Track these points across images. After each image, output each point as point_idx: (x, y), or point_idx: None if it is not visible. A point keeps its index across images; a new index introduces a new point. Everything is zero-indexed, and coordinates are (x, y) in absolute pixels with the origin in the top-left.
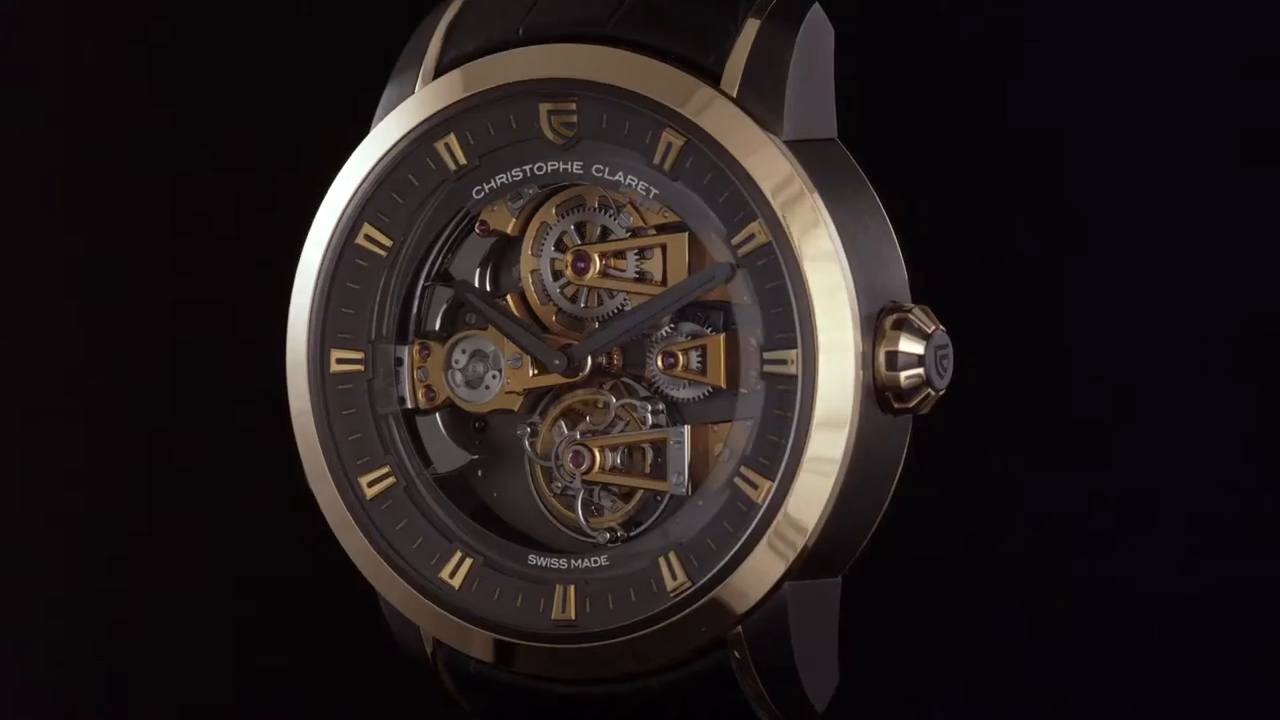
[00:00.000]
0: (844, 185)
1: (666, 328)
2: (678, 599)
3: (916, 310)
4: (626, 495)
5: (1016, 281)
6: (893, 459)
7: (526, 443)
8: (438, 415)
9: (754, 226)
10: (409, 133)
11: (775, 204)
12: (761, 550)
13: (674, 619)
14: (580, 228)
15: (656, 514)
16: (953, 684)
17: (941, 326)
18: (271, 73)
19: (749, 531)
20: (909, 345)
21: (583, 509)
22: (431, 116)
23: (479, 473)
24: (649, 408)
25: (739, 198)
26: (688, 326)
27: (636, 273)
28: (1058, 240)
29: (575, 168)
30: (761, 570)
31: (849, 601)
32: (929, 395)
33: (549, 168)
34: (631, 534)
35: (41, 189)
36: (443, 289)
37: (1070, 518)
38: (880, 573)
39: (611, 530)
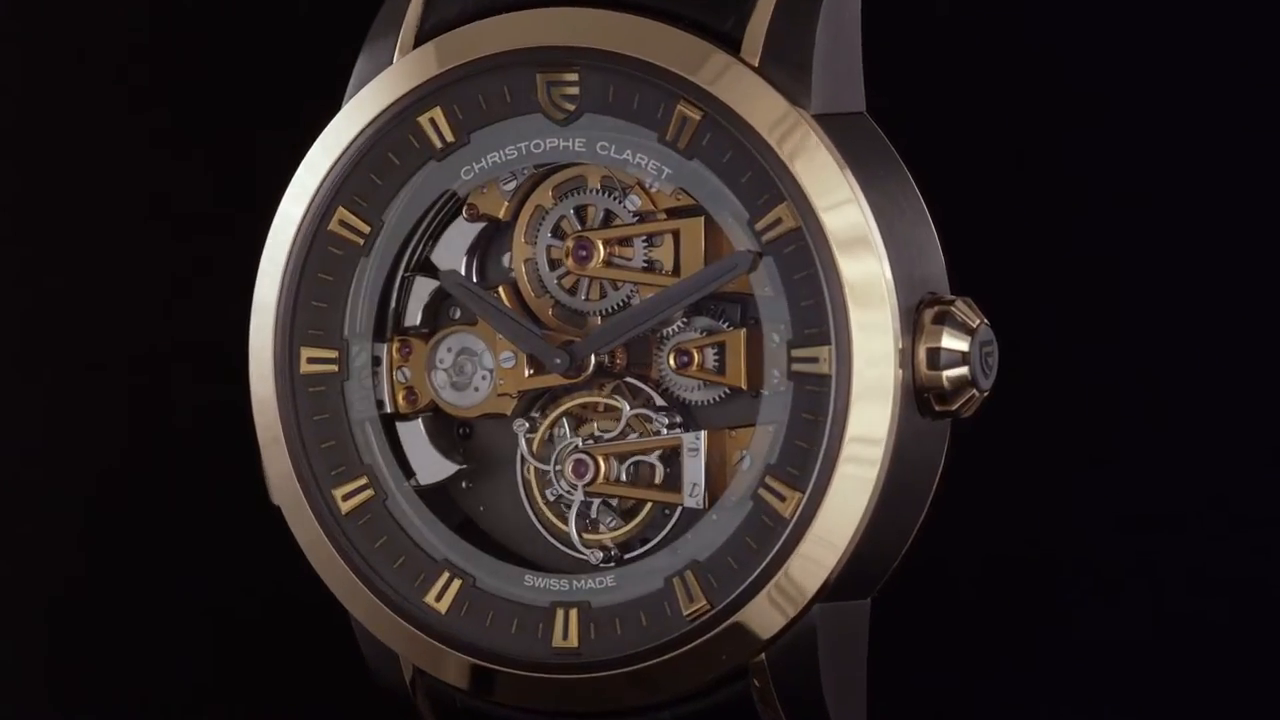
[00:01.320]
0: (876, 163)
1: (678, 323)
2: (695, 623)
3: (959, 302)
4: (629, 512)
5: (1054, 270)
6: (931, 467)
7: (523, 439)
8: (420, 420)
9: (781, 210)
10: (389, 107)
11: (805, 185)
12: (789, 570)
13: (690, 646)
14: (580, 212)
15: (667, 528)
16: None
17: (985, 320)
18: (238, 42)
19: (776, 548)
20: (952, 341)
21: (576, 520)
22: (415, 89)
23: (463, 484)
24: (665, 420)
25: (764, 178)
26: (702, 321)
27: (645, 262)
28: (1099, 221)
29: (577, 145)
30: (789, 592)
31: (877, 626)
32: (973, 396)
33: (547, 145)
34: (633, 553)
35: None
36: (424, 280)
37: (1117, 533)
38: (911, 594)
39: (605, 549)
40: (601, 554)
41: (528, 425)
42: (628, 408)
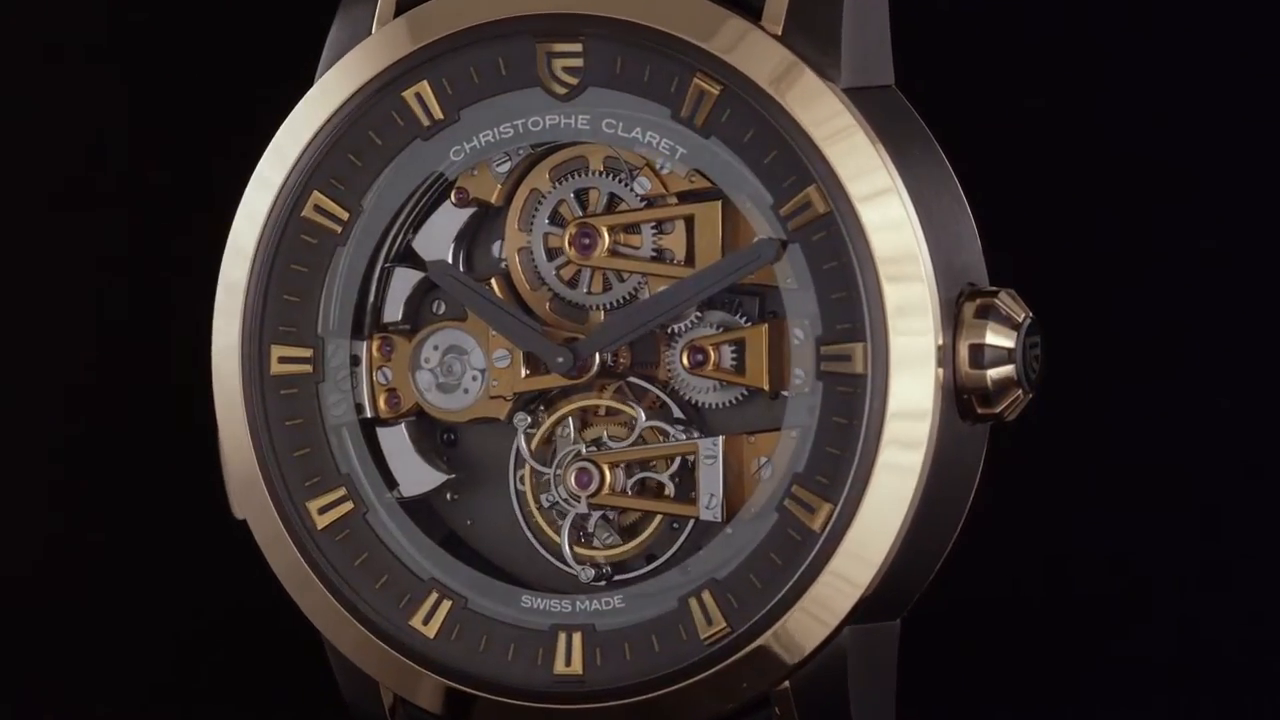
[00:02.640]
0: (910, 143)
1: (691, 318)
2: (714, 648)
3: (1003, 294)
4: (629, 529)
5: (1090, 259)
6: (969, 476)
7: (522, 436)
8: (404, 425)
9: (809, 193)
10: (369, 81)
11: (836, 166)
12: (819, 588)
13: (708, 673)
14: (582, 196)
15: (677, 544)
16: None
17: (1031, 314)
18: (205, 14)
19: (805, 565)
20: (997, 337)
21: (569, 532)
22: (399, 61)
23: (448, 496)
24: (683, 435)
25: (790, 158)
26: (716, 315)
27: (653, 250)
28: (1136, 207)
29: (580, 123)
30: (818, 613)
31: (906, 650)
32: (1018, 398)
33: (546, 123)
34: (635, 571)
35: None
36: (405, 271)
37: (1163, 550)
38: (940, 615)
39: (597, 566)
40: (593, 571)
41: (529, 420)
42: (642, 417)
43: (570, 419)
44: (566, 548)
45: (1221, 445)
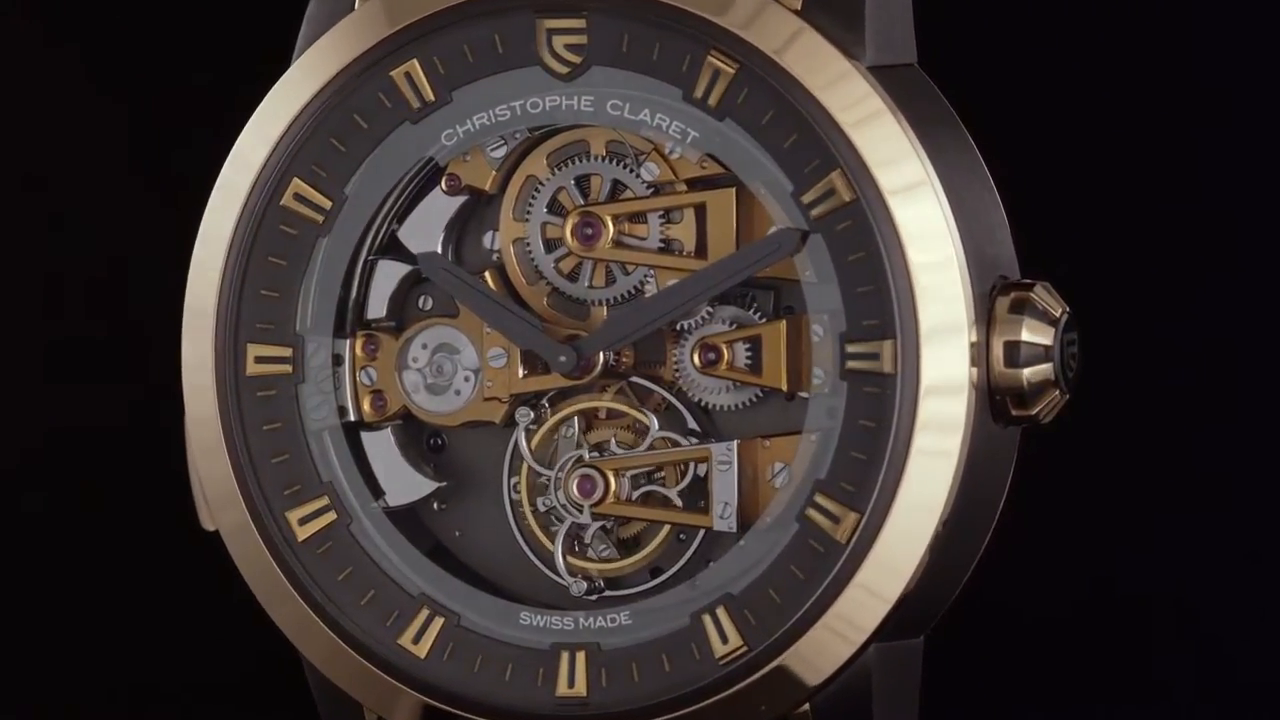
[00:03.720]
0: (938, 126)
1: (702, 313)
2: (730, 668)
3: (1038, 288)
4: (629, 543)
5: (1126, 249)
6: (1000, 483)
7: (522, 432)
8: (390, 430)
9: (833, 179)
10: (355, 60)
11: (863, 150)
12: (844, 603)
13: (723, 695)
14: (583, 183)
15: (685, 557)
16: None
17: (1068, 308)
18: None
19: (829, 578)
20: (1034, 334)
21: (563, 541)
22: (387, 39)
23: (435, 505)
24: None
25: (813, 142)
26: (728, 311)
27: (661, 241)
28: (1181, 196)
29: (583, 104)
30: (843, 629)
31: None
32: (1054, 399)
33: (546, 104)
34: (641, 586)
35: None
36: (389, 264)
37: (1205, 562)
38: (966, 631)
39: (590, 580)
40: (585, 584)
41: (532, 415)
42: (655, 425)
43: (576, 419)
44: (560, 557)
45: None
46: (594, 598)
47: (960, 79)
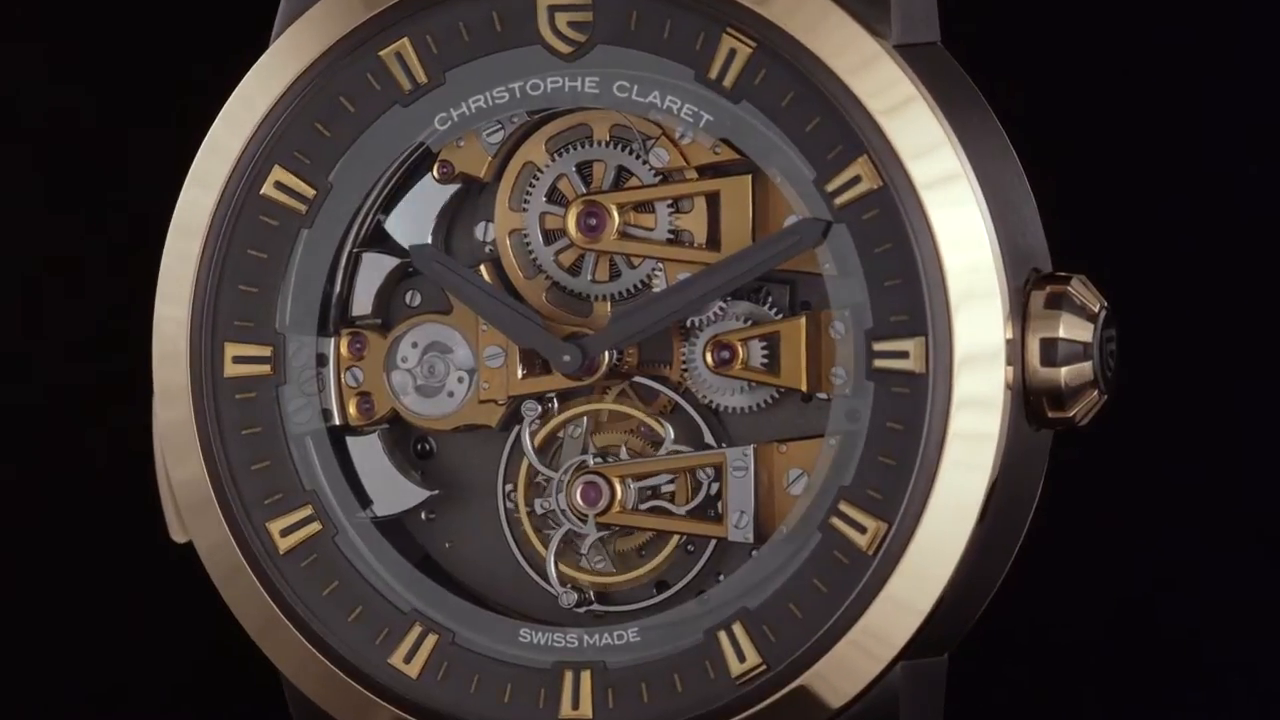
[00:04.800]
0: (968, 110)
1: (714, 310)
2: (747, 688)
3: (1075, 281)
4: (632, 557)
5: (1161, 238)
6: (1032, 489)
7: (528, 429)
8: (377, 434)
9: (859, 166)
10: (342, 40)
11: (891, 135)
12: (872, 617)
13: (740, 717)
14: (584, 170)
15: (696, 570)
16: None
17: (1106, 304)
18: None
19: (855, 592)
20: (1072, 331)
21: (557, 546)
22: (376, 17)
23: (423, 515)
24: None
25: (838, 125)
26: (742, 307)
27: (670, 232)
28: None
29: (587, 86)
30: (870, 645)
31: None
32: (1093, 400)
33: (547, 86)
34: (646, 601)
35: None
36: (375, 257)
37: (1245, 572)
38: (992, 648)
39: (581, 591)
40: (576, 595)
41: (539, 410)
42: (670, 436)
43: (585, 418)
44: (551, 564)
45: None
46: (583, 610)
47: (976, 59)
